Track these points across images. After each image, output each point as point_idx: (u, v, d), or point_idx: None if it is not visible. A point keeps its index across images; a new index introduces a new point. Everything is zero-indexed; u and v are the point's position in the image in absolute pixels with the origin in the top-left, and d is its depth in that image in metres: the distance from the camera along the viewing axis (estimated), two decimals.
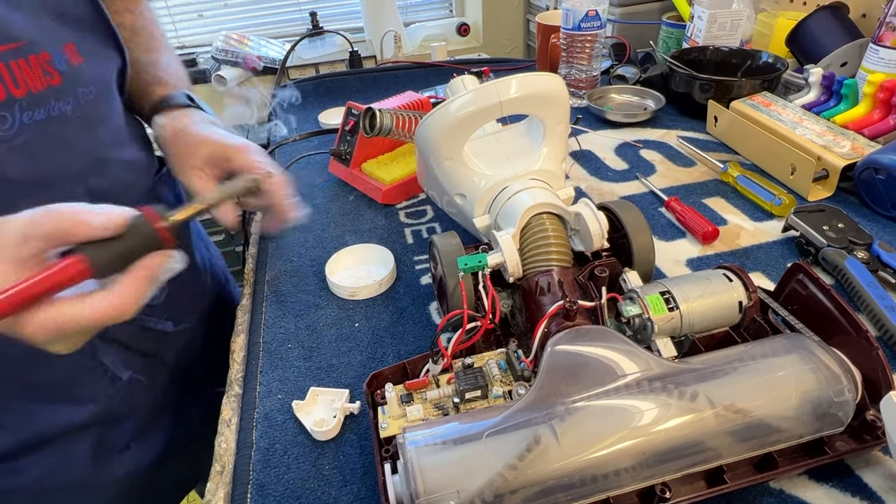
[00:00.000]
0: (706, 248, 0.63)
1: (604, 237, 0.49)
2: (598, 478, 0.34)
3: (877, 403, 0.37)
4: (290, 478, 0.43)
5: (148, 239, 0.35)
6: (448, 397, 0.43)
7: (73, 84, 0.47)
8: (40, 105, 0.43)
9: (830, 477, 0.39)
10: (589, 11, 0.89)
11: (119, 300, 0.33)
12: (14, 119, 0.42)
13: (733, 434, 0.35)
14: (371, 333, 0.55)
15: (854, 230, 0.58)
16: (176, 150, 0.53)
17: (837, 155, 0.67)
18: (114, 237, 0.34)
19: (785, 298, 0.46)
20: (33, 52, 0.43)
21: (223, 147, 0.51)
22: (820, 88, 0.83)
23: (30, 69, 0.42)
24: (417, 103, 0.78)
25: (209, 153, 0.51)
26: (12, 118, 0.42)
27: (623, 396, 0.36)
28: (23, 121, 0.42)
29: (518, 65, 1.21)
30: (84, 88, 0.48)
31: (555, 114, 0.54)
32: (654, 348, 0.43)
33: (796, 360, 0.38)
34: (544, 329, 0.43)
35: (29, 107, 0.43)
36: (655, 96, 0.94)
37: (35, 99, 0.43)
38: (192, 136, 0.52)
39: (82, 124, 0.48)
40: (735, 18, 0.96)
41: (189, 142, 0.52)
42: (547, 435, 0.34)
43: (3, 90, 0.41)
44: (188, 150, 0.52)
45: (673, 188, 0.74)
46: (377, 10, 1.83)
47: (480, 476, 0.32)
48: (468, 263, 0.45)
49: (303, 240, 0.70)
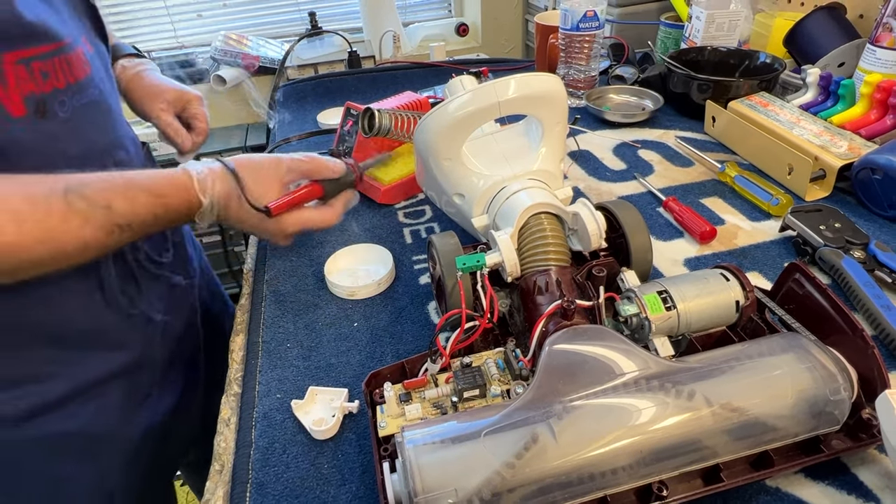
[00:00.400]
0: (704, 247, 0.64)
1: (602, 237, 0.49)
2: (596, 476, 0.34)
3: (872, 402, 0.37)
4: (289, 477, 0.43)
5: (350, 180, 0.59)
6: (446, 396, 0.43)
7: (97, 72, 0.55)
8: (83, 92, 0.52)
9: (826, 475, 0.39)
10: (587, 12, 0.89)
11: (331, 214, 0.58)
12: (69, 103, 0.50)
13: (730, 432, 0.36)
14: (370, 333, 0.55)
15: (851, 230, 0.58)
16: (139, 92, 0.69)
17: (834, 155, 0.68)
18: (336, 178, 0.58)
19: (782, 298, 0.47)
20: (75, 47, 0.51)
21: (183, 94, 0.71)
22: (817, 89, 0.84)
23: (77, 60, 0.51)
24: (416, 103, 0.78)
25: (172, 98, 0.69)
26: (69, 103, 0.50)
27: (620, 395, 0.36)
28: (74, 104, 0.50)
29: (517, 65, 1.21)
30: (101, 75, 0.55)
31: (553, 114, 0.54)
32: (652, 347, 0.43)
33: (793, 359, 0.38)
34: (542, 328, 0.43)
35: (77, 92, 0.51)
36: (653, 96, 0.94)
37: (80, 86, 0.51)
38: (154, 82, 0.70)
39: (104, 108, 0.55)
40: (733, 19, 0.96)
41: (152, 86, 0.69)
42: (545, 434, 0.34)
43: (64, 79, 0.49)
44: (153, 93, 0.68)
45: (671, 188, 0.74)
46: (376, 10, 1.83)
47: (478, 475, 0.33)
48: (466, 263, 0.45)
49: (302, 240, 0.70)
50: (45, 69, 0.46)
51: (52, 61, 0.47)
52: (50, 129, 0.48)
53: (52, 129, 0.48)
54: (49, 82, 0.47)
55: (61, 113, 0.49)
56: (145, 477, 0.64)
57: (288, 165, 0.54)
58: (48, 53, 0.46)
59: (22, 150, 0.46)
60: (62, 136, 0.49)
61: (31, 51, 0.45)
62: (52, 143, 0.48)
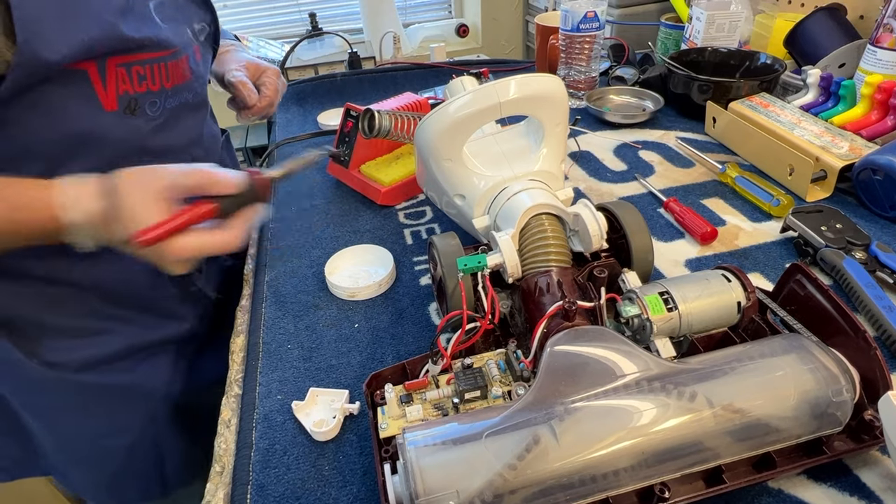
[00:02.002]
0: (705, 248, 0.64)
1: (603, 238, 0.49)
2: (598, 478, 0.34)
3: (875, 403, 0.37)
4: (290, 478, 0.43)
5: (254, 194, 0.49)
6: (447, 398, 0.43)
7: (196, 79, 0.62)
8: (177, 95, 0.58)
9: (829, 476, 0.39)
10: (588, 13, 0.89)
11: (230, 236, 0.47)
12: (161, 104, 0.56)
13: (732, 434, 0.35)
14: (370, 334, 0.55)
15: (852, 231, 0.58)
16: (221, 59, 0.75)
17: (835, 156, 0.68)
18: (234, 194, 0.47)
19: (783, 299, 0.46)
20: (180, 55, 0.57)
21: (259, 65, 0.77)
22: (818, 89, 0.84)
23: (177, 67, 0.57)
24: (416, 104, 0.78)
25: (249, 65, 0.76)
26: (160, 104, 0.56)
27: (622, 397, 0.36)
28: (165, 106, 0.57)
29: (517, 66, 1.21)
30: (199, 81, 0.63)
31: (554, 115, 0.54)
32: (653, 349, 0.43)
33: (794, 360, 0.38)
34: (543, 329, 0.43)
35: (171, 95, 0.57)
36: (654, 97, 0.94)
37: (176, 90, 0.58)
38: (238, 56, 0.77)
39: (194, 109, 0.62)
40: (733, 20, 0.96)
41: (233, 58, 0.76)
42: (546, 435, 0.34)
43: (160, 83, 0.55)
44: (232, 59, 0.76)
45: (671, 189, 0.74)
46: (376, 11, 1.83)
47: (480, 476, 0.32)
48: (467, 264, 0.45)
49: (302, 241, 0.70)
50: (143, 73, 0.53)
51: (150, 67, 0.53)
52: (136, 125, 0.54)
53: (138, 125, 0.54)
54: (144, 84, 0.53)
55: (150, 112, 0.55)
56: (188, 438, 0.70)
57: (170, 181, 0.45)
58: (148, 60, 0.53)
59: (106, 140, 0.52)
60: (146, 133, 0.55)
61: (133, 57, 0.51)
62: (134, 137, 0.54)
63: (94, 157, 0.51)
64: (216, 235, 0.46)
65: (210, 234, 0.46)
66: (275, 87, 0.75)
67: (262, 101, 0.73)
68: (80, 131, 0.50)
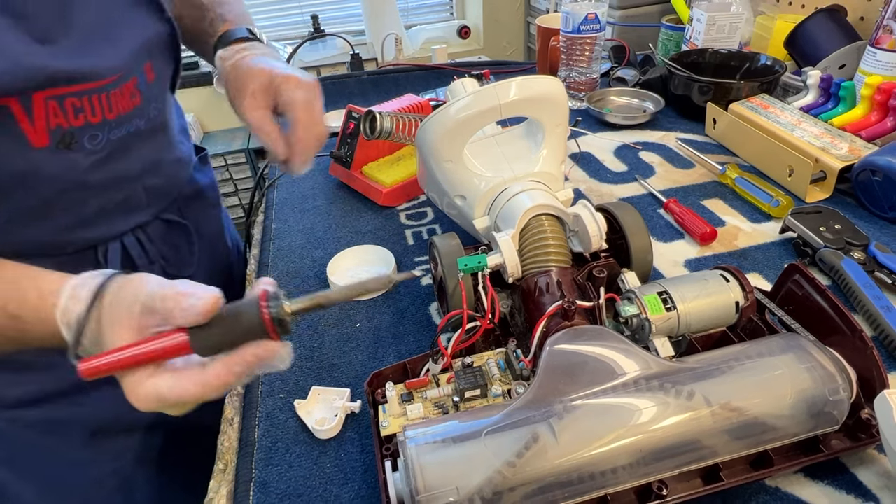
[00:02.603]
0: (704, 249, 0.64)
1: (602, 238, 0.50)
2: (596, 475, 0.34)
3: (871, 402, 0.37)
4: (292, 476, 0.43)
5: (252, 326, 0.33)
6: (448, 396, 0.43)
7: (149, 101, 0.53)
8: (124, 124, 0.50)
9: (825, 475, 0.40)
10: (588, 14, 0.89)
11: (202, 385, 0.33)
12: (103, 136, 0.49)
13: (729, 432, 0.36)
14: (372, 333, 0.56)
15: (851, 231, 0.58)
16: (234, 83, 0.54)
17: (835, 157, 0.68)
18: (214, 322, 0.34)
19: (781, 299, 0.47)
20: (126, 79, 0.49)
21: (273, 77, 0.52)
22: (818, 91, 0.84)
23: (121, 95, 0.49)
24: (418, 106, 0.78)
25: (261, 83, 0.52)
26: (102, 136, 0.49)
27: (621, 395, 0.36)
28: (109, 137, 0.49)
29: (518, 67, 1.22)
30: (155, 103, 0.54)
31: (554, 116, 0.55)
32: (652, 348, 0.44)
33: (792, 359, 0.38)
34: (543, 329, 0.43)
35: (116, 126, 0.50)
36: (654, 98, 0.95)
37: (121, 119, 0.50)
38: (247, 68, 0.54)
39: (149, 135, 0.54)
40: (734, 21, 0.97)
41: (244, 73, 0.53)
42: (545, 433, 0.34)
43: (101, 115, 0.48)
44: (243, 80, 0.53)
45: (671, 190, 0.74)
46: (378, 12, 1.84)
47: (480, 473, 0.33)
48: (468, 264, 0.46)
49: (304, 241, 0.71)
50: (80, 105, 0.46)
51: (88, 98, 0.46)
52: (73, 160, 0.47)
53: (76, 160, 0.48)
54: (82, 117, 0.46)
55: (90, 145, 0.48)
56: (166, 470, 0.64)
57: (145, 300, 0.34)
58: (84, 92, 0.46)
59: (41, 178, 0.46)
60: (85, 167, 0.49)
61: (64, 90, 0.44)
62: (72, 173, 0.48)
63: (28, 195, 0.46)
64: (184, 380, 0.33)
65: (176, 377, 0.34)
66: (305, 106, 0.51)
67: (296, 148, 0.52)
68: (7, 170, 0.44)
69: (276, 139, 0.52)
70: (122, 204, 0.55)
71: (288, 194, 0.82)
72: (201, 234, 0.67)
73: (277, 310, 0.33)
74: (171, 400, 0.34)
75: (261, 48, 0.57)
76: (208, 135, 1.97)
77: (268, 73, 0.52)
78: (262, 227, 0.76)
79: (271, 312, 0.33)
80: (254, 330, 0.33)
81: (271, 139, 0.52)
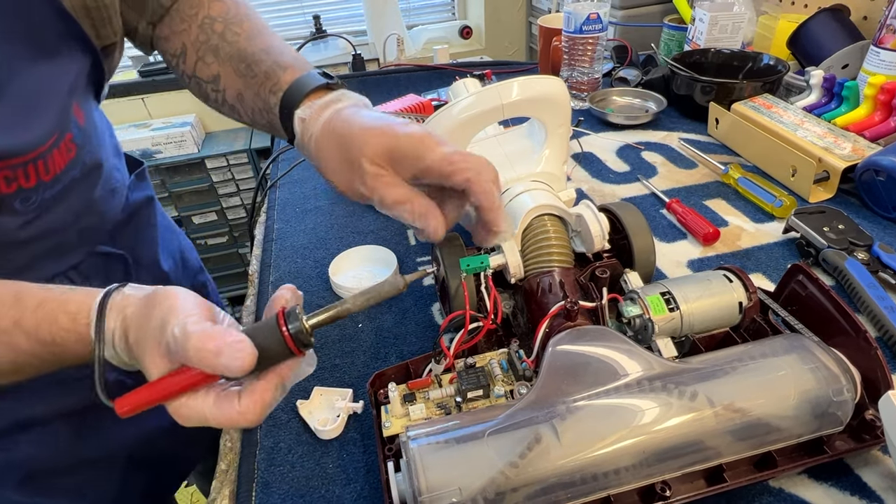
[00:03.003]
0: (707, 249, 0.64)
1: (605, 238, 0.50)
2: (599, 476, 0.34)
3: (875, 403, 0.37)
4: (295, 476, 0.43)
5: (277, 351, 0.34)
6: (450, 397, 0.43)
7: (82, 148, 0.48)
8: (60, 181, 0.46)
9: (829, 476, 0.39)
10: (590, 14, 0.89)
11: (244, 417, 0.33)
12: (37, 198, 0.44)
13: (733, 433, 0.36)
14: (374, 334, 0.56)
15: (854, 231, 0.58)
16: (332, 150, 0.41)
17: (838, 157, 0.68)
18: None
19: (785, 299, 0.47)
20: (62, 138, 0.44)
21: (406, 139, 0.38)
22: (821, 90, 0.84)
23: (58, 154, 0.44)
24: (420, 106, 0.78)
25: (387, 147, 0.38)
26: (36, 197, 0.44)
27: (624, 396, 0.36)
28: (44, 197, 0.45)
29: (520, 68, 1.22)
30: (88, 147, 0.49)
31: (556, 116, 0.55)
32: (655, 348, 0.44)
33: (796, 360, 0.38)
34: (546, 329, 0.43)
35: (51, 185, 0.45)
36: (657, 98, 0.94)
37: (58, 177, 0.45)
38: (354, 125, 0.40)
39: (83, 180, 0.49)
40: (736, 21, 0.96)
41: (350, 134, 0.40)
42: (548, 434, 0.34)
43: (36, 179, 0.43)
44: (352, 144, 0.40)
45: (674, 190, 0.74)
46: (380, 13, 1.83)
47: (482, 474, 0.33)
48: (470, 265, 0.46)
49: (307, 241, 0.71)
50: (12, 175, 0.41)
51: (21, 169, 0.42)
52: (3, 223, 0.43)
53: (5, 223, 0.43)
54: (14, 185, 0.42)
55: (21, 207, 0.44)
56: None
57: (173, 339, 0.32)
58: (17, 165, 0.41)
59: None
60: (15, 227, 0.44)
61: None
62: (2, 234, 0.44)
63: None
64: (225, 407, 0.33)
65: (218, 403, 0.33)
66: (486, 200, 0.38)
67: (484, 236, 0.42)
68: None
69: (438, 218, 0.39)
70: (52, 251, 0.49)
71: (290, 195, 0.82)
72: (138, 261, 0.60)
73: (297, 329, 0.34)
74: (214, 423, 0.34)
75: (352, 97, 0.44)
76: (210, 135, 1.97)
77: (391, 134, 0.39)
78: (265, 227, 0.76)
79: (292, 333, 0.34)
80: (279, 353, 0.34)
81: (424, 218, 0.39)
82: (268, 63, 0.47)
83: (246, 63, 0.48)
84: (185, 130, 1.77)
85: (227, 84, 0.50)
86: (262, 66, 0.47)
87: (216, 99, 0.51)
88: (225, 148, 1.88)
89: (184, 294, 0.35)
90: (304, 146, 0.44)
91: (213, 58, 0.50)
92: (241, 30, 0.50)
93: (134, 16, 0.51)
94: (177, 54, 0.52)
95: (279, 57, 0.48)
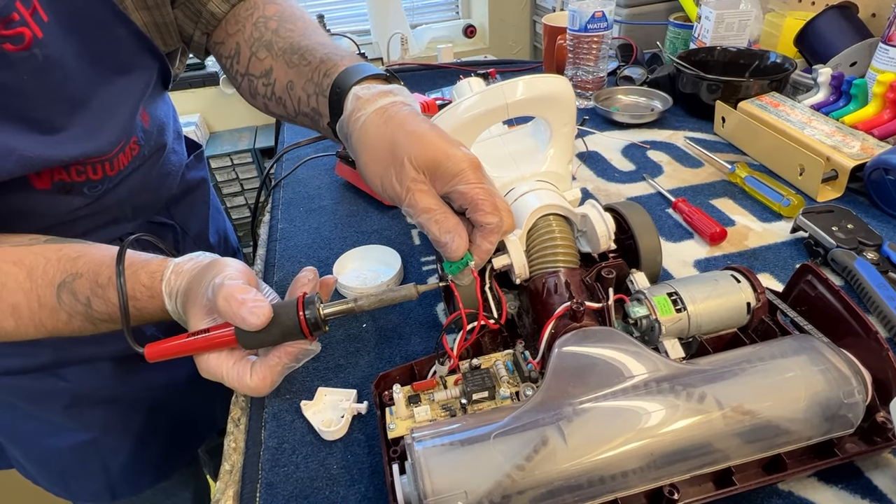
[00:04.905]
0: (714, 249, 0.63)
1: (610, 238, 0.49)
2: (606, 479, 0.34)
3: (887, 405, 0.36)
4: (299, 477, 0.43)
5: (291, 329, 0.40)
6: (455, 398, 0.43)
7: (145, 145, 0.55)
8: (122, 173, 0.53)
9: (840, 479, 0.39)
10: (595, 13, 0.89)
11: (253, 384, 0.41)
12: (102, 186, 0.52)
13: (742, 435, 0.35)
14: (378, 334, 0.55)
15: (863, 231, 0.58)
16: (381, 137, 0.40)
17: (846, 155, 0.67)
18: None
19: (793, 300, 0.46)
20: (128, 142, 0.52)
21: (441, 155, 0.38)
22: (829, 88, 0.83)
23: (123, 155, 0.52)
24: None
25: (433, 159, 0.38)
26: (101, 186, 0.52)
27: (630, 398, 0.36)
28: (107, 187, 0.53)
29: (524, 66, 1.21)
30: (150, 142, 0.56)
31: (561, 115, 0.54)
32: (662, 349, 0.43)
33: (805, 361, 0.38)
34: (551, 330, 0.43)
35: (115, 177, 0.53)
36: (662, 97, 0.94)
37: (121, 173, 0.53)
38: (410, 125, 0.40)
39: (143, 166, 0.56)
40: (743, 19, 0.96)
41: (404, 130, 0.40)
42: (554, 436, 0.34)
43: (102, 173, 0.51)
44: (402, 140, 0.39)
45: (680, 189, 0.74)
46: (383, 12, 1.83)
47: (488, 477, 0.33)
48: (452, 265, 0.45)
49: (310, 241, 0.70)
50: (83, 169, 0.49)
51: (90, 166, 0.49)
52: (69, 201, 0.50)
53: (72, 201, 0.51)
54: (84, 176, 0.50)
55: (88, 192, 0.51)
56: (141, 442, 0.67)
57: (213, 292, 0.39)
58: (87, 162, 0.49)
59: (37, 214, 0.49)
60: (80, 206, 0.52)
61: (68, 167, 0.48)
62: (65, 211, 0.51)
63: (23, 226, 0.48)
64: (241, 374, 0.40)
65: (234, 367, 0.41)
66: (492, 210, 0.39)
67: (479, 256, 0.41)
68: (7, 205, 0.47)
69: (463, 237, 0.39)
70: (110, 222, 0.57)
71: (294, 194, 0.82)
72: (187, 232, 0.69)
73: (313, 315, 0.40)
74: (227, 382, 0.41)
75: (408, 94, 0.45)
76: (214, 135, 1.98)
77: (441, 148, 0.38)
78: (269, 227, 0.76)
79: (308, 317, 0.39)
80: (292, 332, 0.40)
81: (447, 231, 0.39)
82: (323, 52, 0.49)
83: (299, 54, 0.50)
84: (189, 130, 1.77)
85: (278, 76, 0.51)
86: (318, 55, 0.49)
87: (265, 93, 0.53)
88: (229, 147, 1.88)
89: (234, 262, 0.42)
90: (349, 125, 0.43)
91: (265, 52, 0.52)
92: (294, 27, 0.53)
93: (189, 25, 0.56)
94: (231, 55, 0.55)
95: (336, 49, 0.50)
